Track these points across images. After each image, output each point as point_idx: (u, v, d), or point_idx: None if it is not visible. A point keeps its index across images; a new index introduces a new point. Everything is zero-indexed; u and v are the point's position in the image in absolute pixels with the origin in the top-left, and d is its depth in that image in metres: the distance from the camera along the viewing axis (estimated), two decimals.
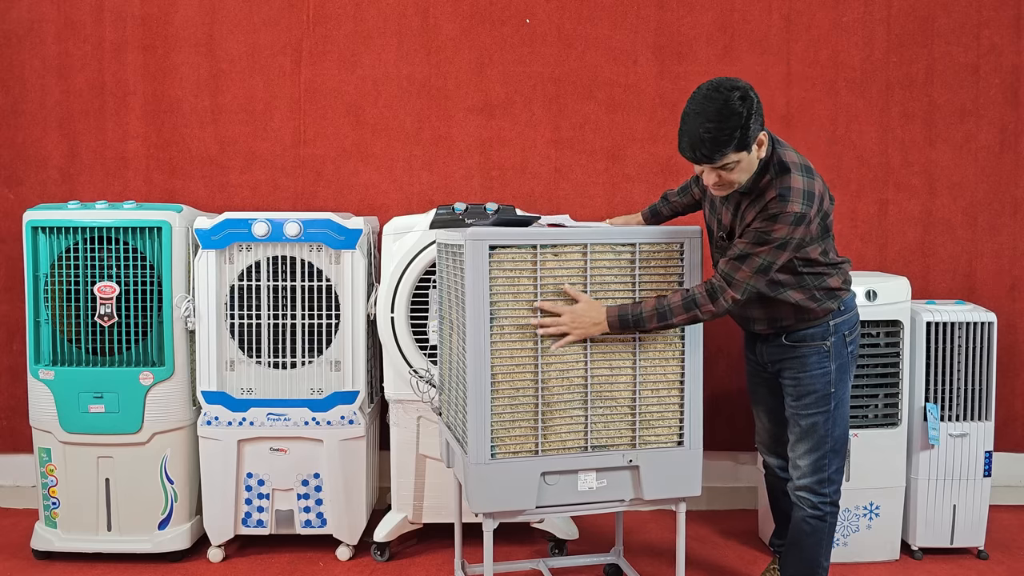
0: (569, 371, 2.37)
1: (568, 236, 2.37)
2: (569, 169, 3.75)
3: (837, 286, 2.48)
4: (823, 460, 2.51)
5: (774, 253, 2.28)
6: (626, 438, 2.42)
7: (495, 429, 2.34)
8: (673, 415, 2.45)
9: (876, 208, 3.76)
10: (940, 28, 3.72)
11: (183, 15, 3.69)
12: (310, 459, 3.16)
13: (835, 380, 2.49)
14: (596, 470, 2.40)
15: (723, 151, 2.21)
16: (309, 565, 3.17)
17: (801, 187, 2.27)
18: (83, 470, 3.14)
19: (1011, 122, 3.74)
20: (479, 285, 2.30)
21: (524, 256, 2.34)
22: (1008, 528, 3.52)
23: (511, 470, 2.35)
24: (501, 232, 2.35)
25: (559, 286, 2.35)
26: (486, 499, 2.35)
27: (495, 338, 2.33)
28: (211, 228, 3.08)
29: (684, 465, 2.46)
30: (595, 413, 2.39)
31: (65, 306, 3.10)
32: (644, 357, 2.42)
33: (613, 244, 2.38)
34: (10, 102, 3.71)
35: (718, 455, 3.76)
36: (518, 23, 3.71)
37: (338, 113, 3.73)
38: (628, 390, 2.41)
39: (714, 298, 2.32)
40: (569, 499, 2.40)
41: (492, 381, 2.33)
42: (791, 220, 2.24)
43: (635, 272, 2.40)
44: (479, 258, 2.30)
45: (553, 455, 2.38)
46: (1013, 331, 3.75)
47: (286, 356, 3.15)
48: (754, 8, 3.71)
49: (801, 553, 2.58)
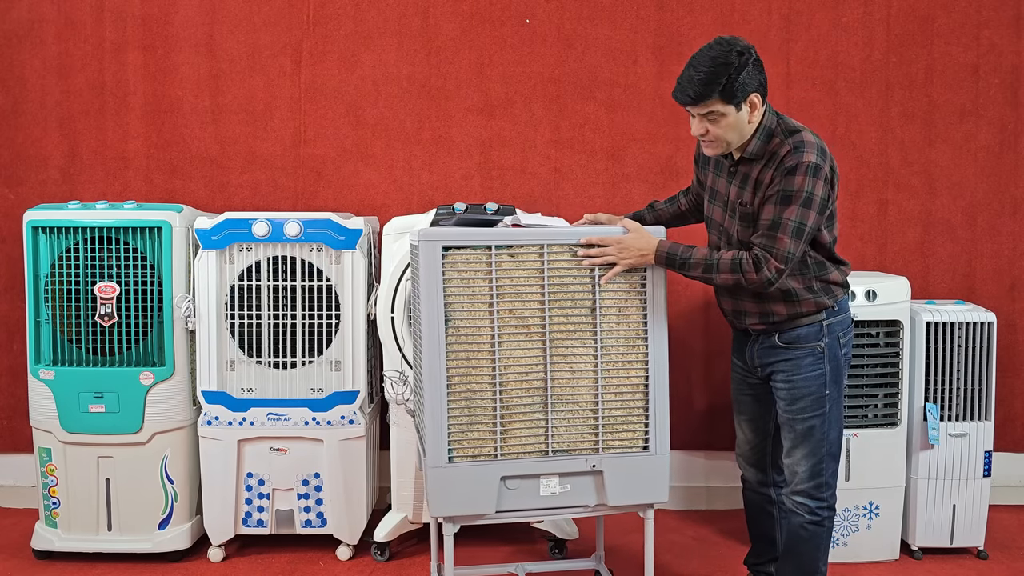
0: (528, 374, 2.35)
1: (524, 237, 2.34)
2: (569, 169, 3.75)
3: (836, 281, 2.44)
4: (820, 464, 2.45)
5: (802, 212, 2.26)
6: (589, 442, 2.38)
7: (452, 432, 2.32)
8: (638, 420, 2.41)
9: (876, 208, 3.76)
10: (940, 28, 3.72)
11: (183, 15, 3.70)
12: (310, 459, 3.16)
13: (829, 382, 2.43)
14: (559, 475, 2.37)
15: (708, 96, 2.26)
16: (309, 565, 3.17)
17: (814, 141, 2.30)
18: (83, 470, 3.14)
19: (1011, 122, 3.74)
20: (433, 286, 2.28)
21: (479, 257, 2.31)
22: (1008, 528, 3.52)
23: (469, 474, 2.33)
24: (455, 233, 2.33)
25: (516, 288, 2.32)
26: (444, 503, 2.33)
27: (451, 340, 2.31)
28: (211, 228, 3.08)
29: (650, 471, 2.41)
30: (556, 417, 2.36)
31: (65, 306, 3.10)
32: (606, 360, 2.38)
33: (571, 245, 2.35)
34: (10, 102, 3.71)
35: (718, 455, 3.76)
36: (518, 23, 3.72)
37: (338, 113, 3.73)
38: (590, 393, 2.37)
39: (759, 268, 2.29)
40: (531, 504, 2.38)
41: (448, 384, 2.31)
42: (808, 170, 2.25)
43: (595, 273, 2.36)
44: (432, 259, 2.28)
45: (513, 459, 2.35)
46: (1013, 331, 3.75)
47: (286, 356, 3.15)
48: (754, 8, 3.71)
49: (799, 560, 2.51)
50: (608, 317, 2.38)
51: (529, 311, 2.35)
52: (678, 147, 3.72)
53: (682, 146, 3.71)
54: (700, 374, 3.79)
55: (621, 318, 2.39)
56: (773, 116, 2.37)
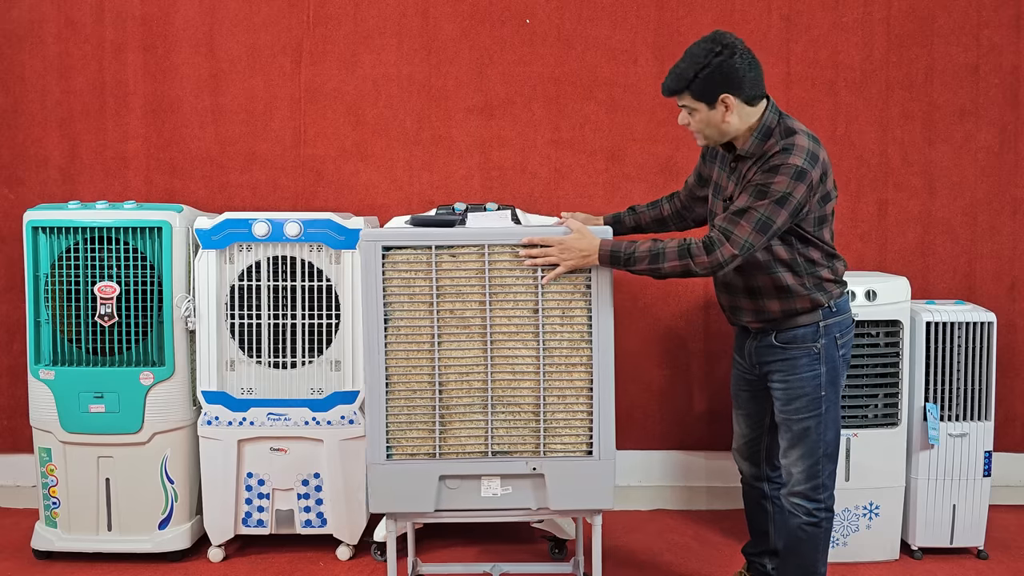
0: (469, 374, 2.35)
1: (465, 237, 2.34)
2: (569, 169, 3.75)
3: (829, 278, 2.43)
4: (816, 466, 2.45)
5: (772, 208, 2.24)
6: (530, 445, 2.38)
7: (391, 430, 2.35)
8: (581, 424, 2.38)
9: (876, 208, 3.76)
10: (940, 28, 3.72)
11: (183, 15, 3.70)
12: (310, 459, 3.16)
13: (825, 383, 2.42)
14: (501, 476, 2.37)
15: (679, 90, 2.32)
16: (309, 565, 3.17)
17: (806, 146, 2.29)
18: (83, 470, 3.14)
19: (1011, 122, 3.74)
20: (372, 286, 2.30)
21: (420, 257, 2.32)
22: (1008, 528, 3.52)
23: (407, 472, 2.35)
24: (395, 233, 2.34)
25: (457, 288, 2.33)
26: (383, 500, 2.36)
27: (390, 339, 2.32)
28: (211, 228, 3.08)
29: (594, 476, 2.38)
30: (497, 418, 2.36)
31: (65, 306, 3.10)
32: (549, 362, 2.36)
33: (513, 245, 2.33)
34: (10, 102, 3.71)
35: (718, 455, 3.76)
36: (518, 23, 3.71)
37: (338, 113, 3.73)
38: (532, 396, 2.36)
39: (711, 250, 2.26)
40: (472, 504, 2.39)
41: (387, 382, 2.33)
42: (792, 173, 2.24)
43: (538, 273, 2.34)
44: (372, 259, 2.30)
45: (452, 459, 2.36)
46: (1013, 331, 3.75)
47: (286, 356, 3.15)
48: (754, 8, 3.71)
49: (798, 561, 2.53)
50: (551, 319, 2.35)
51: (470, 311, 2.34)
52: (678, 147, 3.72)
53: (682, 146, 3.71)
54: (700, 374, 3.79)
55: (565, 320, 2.36)
56: (775, 115, 2.36)
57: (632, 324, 3.76)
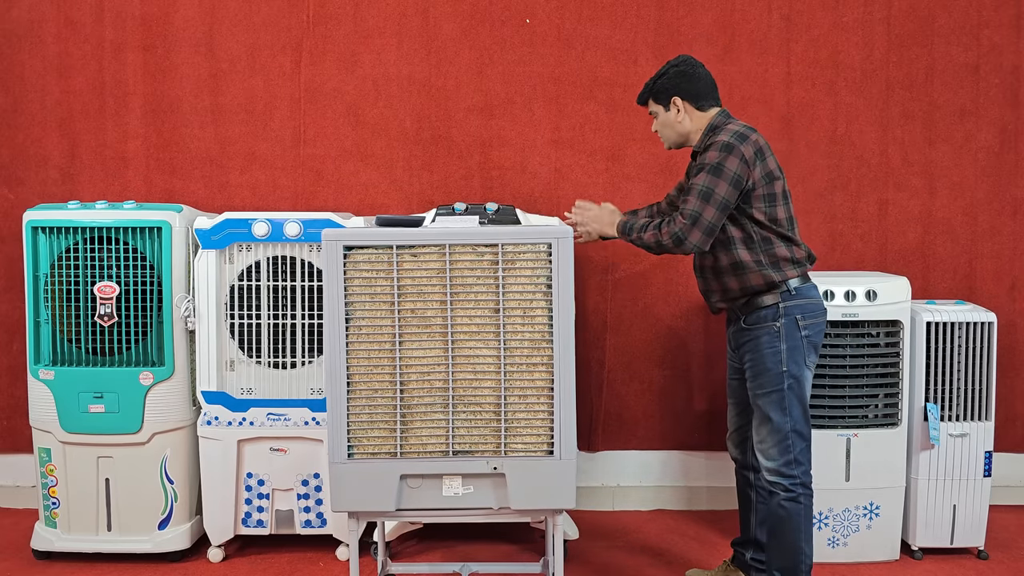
0: (430, 374, 2.36)
1: (426, 236, 2.34)
2: (569, 169, 3.75)
3: (784, 256, 2.59)
4: (786, 441, 2.57)
5: (710, 179, 2.52)
6: (491, 444, 2.39)
7: (352, 429, 2.36)
8: (542, 423, 2.39)
9: (876, 208, 3.76)
10: (940, 28, 3.72)
11: (183, 15, 3.69)
12: (310, 459, 3.16)
13: (786, 360, 2.56)
14: (462, 476, 2.38)
15: (644, 96, 2.75)
16: (309, 565, 3.17)
17: (735, 128, 2.59)
18: (83, 470, 3.14)
19: (1011, 122, 3.74)
20: (334, 285, 2.31)
21: (381, 257, 2.33)
22: (1008, 528, 3.52)
23: (369, 470, 2.36)
24: (356, 232, 2.35)
25: (418, 288, 2.34)
26: (345, 498, 2.37)
27: (352, 338, 2.34)
28: (211, 228, 3.08)
29: (555, 475, 2.38)
30: (458, 418, 2.38)
31: (65, 306, 3.10)
32: (510, 362, 2.37)
33: (475, 245, 2.34)
34: (10, 102, 3.71)
35: (718, 455, 3.75)
36: (518, 23, 3.71)
37: (338, 113, 3.73)
38: (493, 395, 2.37)
39: (671, 223, 2.55)
40: (433, 503, 2.40)
41: (348, 381, 2.34)
42: (720, 147, 2.54)
43: (498, 274, 2.34)
44: (334, 258, 2.31)
45: (413, 458, 2.37)
46: (1013, 331, 3.74)
47: (286, 356, 3.15)
48: (754, 8, 3.70)
49: (781, 540, 2.62)
50: (512, 318, 2.37)
51: (432, 311, 2.36)
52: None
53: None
54: (700, 374, 3.79)
55: (526, 319, 2.37)
56: (723, 118, 2.67)
57: (632, 324, 3.76)
